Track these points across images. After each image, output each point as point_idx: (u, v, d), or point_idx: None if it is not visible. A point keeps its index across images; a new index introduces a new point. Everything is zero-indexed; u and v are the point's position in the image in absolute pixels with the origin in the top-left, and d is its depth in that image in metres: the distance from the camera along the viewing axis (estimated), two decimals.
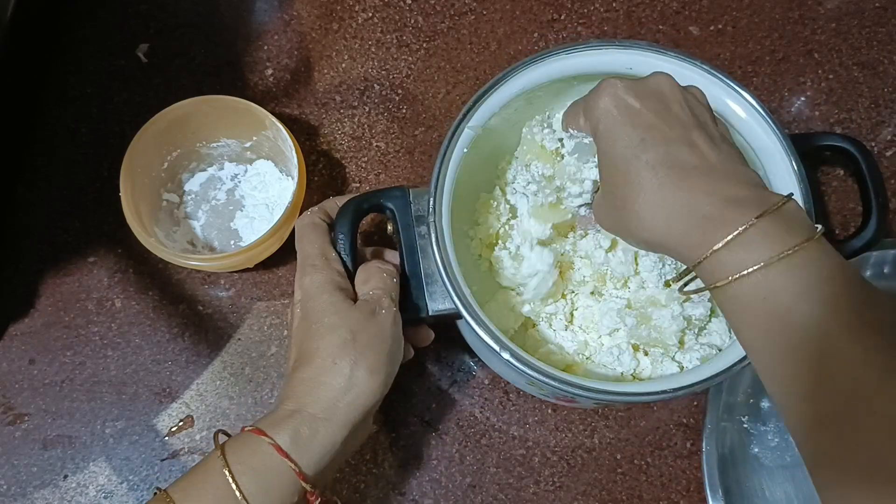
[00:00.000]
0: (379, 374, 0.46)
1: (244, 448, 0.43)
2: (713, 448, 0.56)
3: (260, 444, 0.43)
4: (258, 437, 0.43)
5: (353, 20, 0.70)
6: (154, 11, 0.70)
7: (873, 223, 0.56)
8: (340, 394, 0.44)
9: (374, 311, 0.47)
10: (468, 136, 0.52)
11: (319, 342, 0.46)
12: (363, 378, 0.45)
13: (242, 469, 0.42)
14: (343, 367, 0.45)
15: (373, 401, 0.45)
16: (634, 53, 0.53)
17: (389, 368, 0.47)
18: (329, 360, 0.45)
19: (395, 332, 0.48)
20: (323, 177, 0.65)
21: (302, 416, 0.44)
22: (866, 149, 0.58)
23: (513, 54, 0.70)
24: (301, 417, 0.44)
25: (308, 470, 0.43)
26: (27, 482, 0.57)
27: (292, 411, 0.44)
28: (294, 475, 0.42)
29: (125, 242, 0.62)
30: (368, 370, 0.45)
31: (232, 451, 0.43)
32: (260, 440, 0.43)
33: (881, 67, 0.70)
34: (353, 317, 0.46)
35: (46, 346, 0.60)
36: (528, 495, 0.58)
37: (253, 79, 0.68)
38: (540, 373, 0.46)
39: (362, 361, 0.45)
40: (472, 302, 0.48)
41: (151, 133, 0.57)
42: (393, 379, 0.48)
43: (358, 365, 0.45)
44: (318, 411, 0.44)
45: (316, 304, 0.47)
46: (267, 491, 0.42)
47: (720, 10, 0.72)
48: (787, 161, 0.51)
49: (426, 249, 0.50)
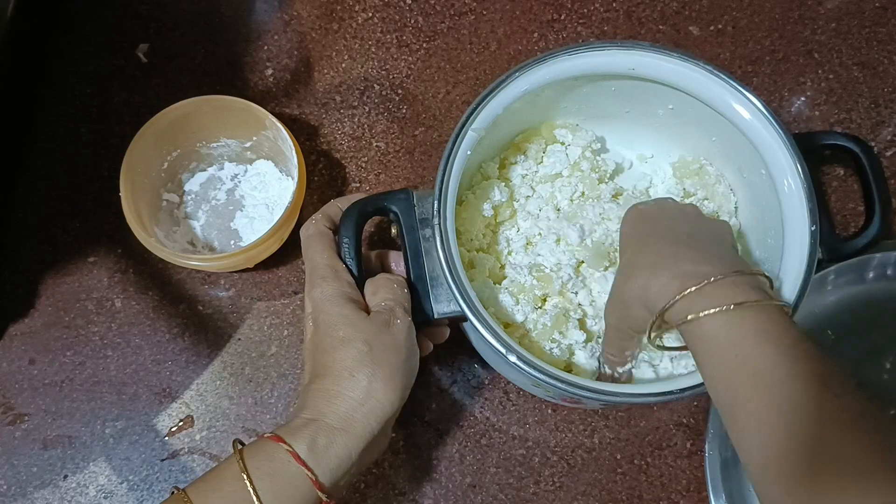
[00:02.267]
0: (396, 385, 0.45)
1: (261, 453, 0.43)
2: (716, 452, 0.56)
3: (278, 450, 0.42)
4: (276, 443, 0.43)
5: (353, 20, 0.70)
6: (154, 11, 0.69)
7: (877, 221, 0.56)
8: (358, 405, 0.44)
9: (387, 322, 0.47)
10: (472, 139, 0.52)
11: (335, 354, 0.46)
12: (380, 389, 0.45)
13: (259, 474, 0.42)
14: (360, 379, 0.44)
15: (390, 412, 0.45)
16: (636, 54, 0.53)
17: (406, 380, 0.46)
18: (346, 372, 0.45)
19: (410, 343, 0.47)
20: (323, 177, 0.65)
21: (319, 425, 0.43)
22: (869, 147, 0.58)
23: (513, 54, 0.70)
24: (318, 427, 0.43)
25: (324, 479, 0.43)
26: (27, 482, 0.57)
27: (309, 420, 0.44)
28: (310, 483, 0.42)
29: (125, 242, 0.62)
30: (385, 381, 0.45)
31: (250, 455, 0.43)
32: (278, 447, 0.43)
33: (881, 67, 0.70)
34: (368, 328, 0.46)
35: (46, 346, 0.60)
36: (528, 495, 0.58)
37: (253, 79, 0.68)
38: (547, 375, 0.47)
39: (379, 373, 0.45)
40: (477, 304, 0.48)
41: (151, 133, 0.57)
42: (409, 390, 0.47)
43: (375, 376, 0.45)
44: (336, 422, 0.44)
45: (328, 317, 0.47)
46: (283, 498, 0.42)
47: (720, 10, 0.72)
48: (790, 160, 0.51)
49: (430, 252, 0.50)
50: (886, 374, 0.59)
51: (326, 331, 0.47)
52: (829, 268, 0.59)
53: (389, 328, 0.47)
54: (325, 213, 0.52)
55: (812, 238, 0.49)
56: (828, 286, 0.60)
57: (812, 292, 0.50)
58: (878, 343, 0.60)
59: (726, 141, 0.56)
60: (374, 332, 0.46)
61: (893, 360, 0.60)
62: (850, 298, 0.61)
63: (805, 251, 0.49)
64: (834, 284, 0.61)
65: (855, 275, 0.61)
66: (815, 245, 0.49)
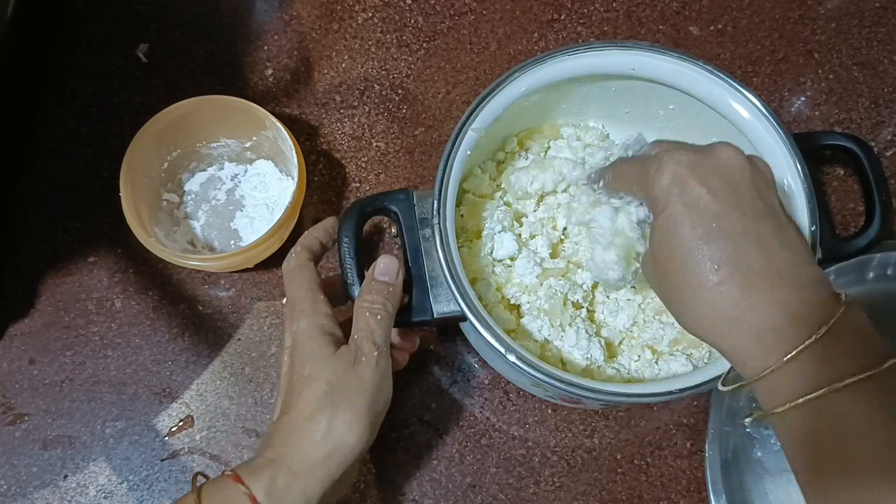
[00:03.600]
0: (357, 426, 0.44)
1: (219, 493, 0.42)
2: (716, 452, 0.56)
3: (236, 490, 0.42)
4: (235, 483, 0.42)
5: (353, 20, 0.70)
6: (154, 11, 0.69)
7: (877, 221, 0.56)
8: (317, 448, 0.43)
9: (354, 360, 0.46)
10: (472, 139, 0.52)
11: (300, 393, 0.45)
12: (341, 432, 0.44)
13: None
14: (320, 422, 0.44)
15: (352, 455, 0.44)
16: (636, 54, 0.53)
17: (369, 419, 0.45)
18: (307, 412, 0.44)
19: (376, 380, 0.46)
20: (323, 177, 0.65)
21: (279, 467, 0.43)
22: (870, 147, 0.58)
23: (513, 54, 0.70)
24: (278, 468, 0.43)
25: None
26: (27, 482, 0.57)
27: (270, 461, 0.43)
28: None
29: (125, 242, 0.62)
30: (347, 424, 0.44)
31: (208, 494, 0.42)
32: (236, 487, 0.42)
33: (881, 67, 0.70)
34: (333, 367, 0.45)
35: (46, 346, 0.60)
36: (528, 495, 0.58)
37: (253, 79, 0.68)
38: (546, 374, 0.46)
39: (339, 415, 0.44)
40: (476, 304, 0.48)
41: (151, 133, 0.57)
42: (378, 428, 0.46)
43: (335, 419, 0.44)
44: (296, 465, 0.43)
45: (301, 352, 0.46)
46: None
47: (720, 10, 0.72)
48: (790, 161, 0.51)
49: (430, 252, 0.50)
50: None
51: (296, 367, 0.46)
52: (829, 268, 0.59)
53: (355, 366, 0.45)
54: (303, 245, 0.51)
55: (812, 238, 0.49)
56: None
57: None
58: None
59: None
60: (338, 370, 0.45)
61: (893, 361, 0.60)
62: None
63: None
64: (834, 284, 0.60)
65: (855, 275, 0.60)
66: (815, 245, 0.49)
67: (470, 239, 0.58)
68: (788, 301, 0.37)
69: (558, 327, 0.54)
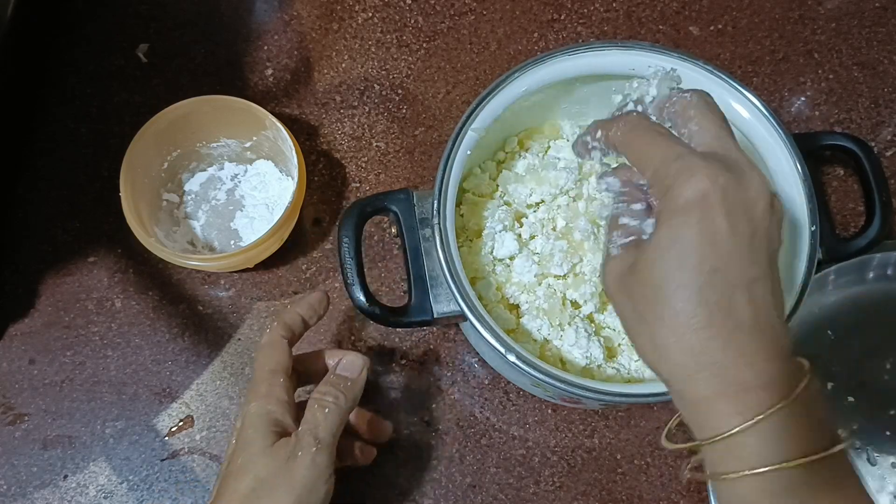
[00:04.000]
0: None
1: None
2: None
3: None
4: None
5: (353, 20, 0.70)
6: (154, 11, 0.69)
7: (877, 221, 0.56)
8: None
9: (290, 456, 0.44)
10: (472, 139, 0.52)
11: (230, 484, 0.44)
12: None
13: None
14: None
15: None
16: (636, 54, 0.53)
17: None
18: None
19: (309, 479, 0.44)
20: (323, 177, 0.65)
21: None
22: (870, 147, 0.58)
23: (513, 54, 0.70)
24: None
25: None
26: (27, 482, 0.57)
27: None
28: None
29: (125, 242, 0.62)
30: None
31: None
32: None
33: (881, 67, 0.70)
34: (264, 461, 0.44)
35: (46, 346, 0.60)
36: (528, 495, 0.58)
37: (253, 79, 0.68)
38: (546, 374, 0.47)
39: None
40: (476, 305, 0.48)
41: (151, 133, 0.57)
42: None
43: None
44: None
45: (242, 438, 0.45)
46: None
47: (720, 10, 0.72)
48: (790, 161, 0.51)
49: (430, 252, 0.50)
50: (887, 375, 0.59)
51: (235, 453, 0.45)
52: (829, 268, 0.59)
53: (288, 462, 0.44)
54: (281, 322, 0.50)
55: (812, 238, 0.49)
56: (828, 286, 0.61)
57: (812, 292, 0.50)
58: (878, 343, 0.60)
59: None
60: (270, 466, 0.44)
61: (894, 361, 0.60)
62: (850, 298, 0.61)
63: (805, 251, 0.49)
64: (834, 285, 0.61)
65: (855, 275, 0.61)
66: (815, 245, 0.49)
67: (470, 238, 0.58)
68: (767, 363, 0.35)
69: (557, 326, 0.54)
